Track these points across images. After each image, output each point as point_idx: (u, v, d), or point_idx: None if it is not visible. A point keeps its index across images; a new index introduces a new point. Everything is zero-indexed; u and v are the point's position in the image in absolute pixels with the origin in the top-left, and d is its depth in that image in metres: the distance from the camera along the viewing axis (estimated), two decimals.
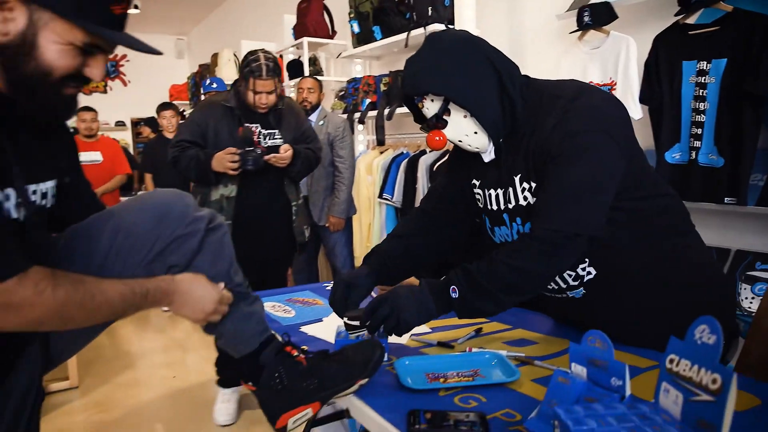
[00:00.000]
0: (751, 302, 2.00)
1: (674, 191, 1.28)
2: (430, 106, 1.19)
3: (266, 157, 2.29)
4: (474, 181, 1.32)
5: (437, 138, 1.19)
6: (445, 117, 1.18)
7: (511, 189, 1.21)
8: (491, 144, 1.21)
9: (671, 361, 0.70)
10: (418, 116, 1.27)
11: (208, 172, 2.30)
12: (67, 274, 0.88)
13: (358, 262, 3.55)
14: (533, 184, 1.16)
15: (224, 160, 2.25)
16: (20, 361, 0.99)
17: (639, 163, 1.20)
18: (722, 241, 2.16)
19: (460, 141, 1.21)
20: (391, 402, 1.03)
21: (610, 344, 0.78)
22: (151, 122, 6.31)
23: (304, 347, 1.16)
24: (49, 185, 1.01)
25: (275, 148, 2.35)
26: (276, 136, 2.40)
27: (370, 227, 3.52)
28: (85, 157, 4.06)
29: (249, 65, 2.25)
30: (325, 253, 3.47)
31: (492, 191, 1.26)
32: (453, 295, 1.11)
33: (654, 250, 1.20)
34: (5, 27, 0.83)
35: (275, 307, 1.66)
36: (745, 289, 2.04)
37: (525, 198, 1.19)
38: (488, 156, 1.24)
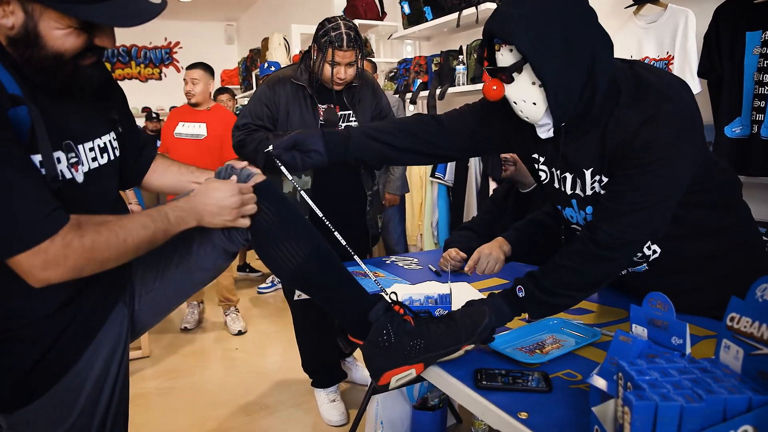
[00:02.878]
0: None
1: (728, 165, 1.30)
2: (506, 56, 1.10)
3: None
4: (536, 155, 1.28)
5: (494, 88, 1.12)
6: (515, 74, 1.10)
7: (579, 179, 1.20)
8: (548, 121, 1.14)
9: (732, 319, 0.74)
10: (489, 56, 1.19)
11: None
12: (90, 218, 0.94)
13: (411, 240, 3.63)
14: (605, 179, 1.15)
15: None
16: (111, 318, 1.10)
17: (706, 150, 1.20)
18: None
19: (515, 103, 1.14)
20: (457, 361, 1.11)
21: (671, 305, 0.83)
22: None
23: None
24: (106, 138, 1.10)
25: None
26: (351, 118, 2.14)
27: (421, 206, 3.59)
28: (181, 129, 3.53)
29: (327, 34, 1.95)
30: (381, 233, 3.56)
31: (561, 173, 1.23)
32: (519, 294, 1.14)
33: (713, 227, 1.24)
34: (8, 21, 0.89)
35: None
36: None
37: (593, 188, 1.18)
38: (545, 133, 1.17)
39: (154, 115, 6.58)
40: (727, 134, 2.13)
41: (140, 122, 8.07)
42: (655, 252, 1.24)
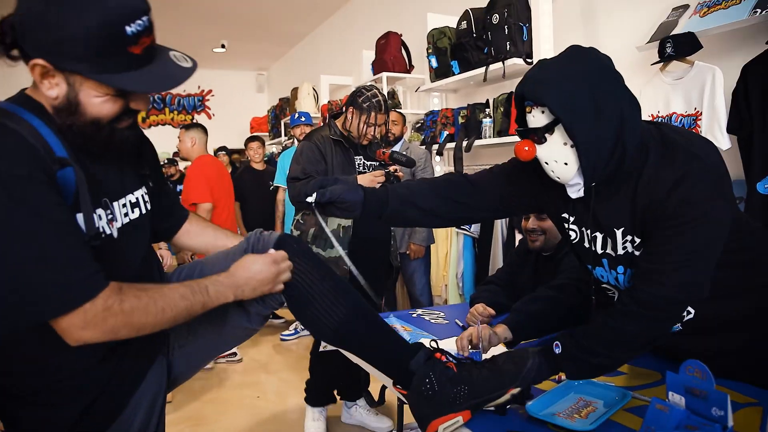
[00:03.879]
0: None
1: (759, 224, 1.28)
2: (538, 117, 1.13)
3: (398, 174, 2.31)
4: (565, 214, 1.29)
5: (526, 149, 1.14)
6: (546, 135, 1.13)
7: (610, 239, 1.20)
8: (579, 181, 1.16)
9: None
10: (519, 118, 1.22)
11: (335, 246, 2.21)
12: (131, 285, 0.98)
13: (435, 291, 3.61)
14: (637, 239, 1.15)
15: (374, 176, 2.25)
16: (147, 379, 1.12)
17: (735, 207, 1.20)
18: None
19: (546, 163, 1.16)
20: (487, 423, 1.09)
21: (709, 374, 0.81)
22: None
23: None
24: (138, 194, 1.14)
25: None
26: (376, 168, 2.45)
27: (446, 257, 3.58)
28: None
29: (369, 100, 2.30)
30: (404, 281, 3.56)
31: (591, 233, 1.23)
32: (556, 351, 1.12)
33: (747, 286, 1.21)
34: (53, 92, 0.95)
35: None
36: None
37: (625, 248, 1.17)
38: (575, 193, 1.19)
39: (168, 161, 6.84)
40: (760, 190, 2.11)
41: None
42: (689, 312, 1.22)
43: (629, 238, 1.16)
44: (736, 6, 2.24)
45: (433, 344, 1.18)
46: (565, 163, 1.13)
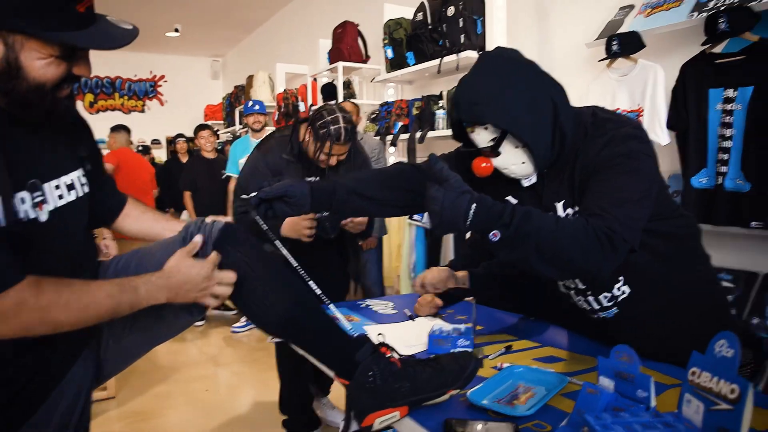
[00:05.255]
0: None
1: (689, 213, 1.35)
2: (483, 134, 1.18)
3: (343, 222, 2.05)
4: (510, 198, 1.32)
5: (484, 165, 1.20)
6: (499, 149, 1.19)
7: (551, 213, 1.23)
8: (535, 172, 1.23)
9: (693, 373, 0.76)
10: (462, 136, 1.27)
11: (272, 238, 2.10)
12: (53, 280, 0.93)
13: (388, 282, 3.63)
14: (576, 209, 1.20)
15: (300, 227, 1.97)
16: (73, 370, 1.08)
17: (664, 188, 1.28)
18: (750, 264, 2.18)
19: (505, 169, 1.22)
20: (427, 411, 1.10)
21: (636, 358, 0.85)
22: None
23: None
24: (74, 175, 1.09)
25: None
26: None
27: (399, 248, 3.60)
28: None
29: (326, 127, 1.97)
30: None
31: None
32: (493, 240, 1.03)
33: (677, 267, 1.28)
34: None
35: None
36: None
37: None
38: (528, 182, 1.26)
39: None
40: (694, 184, 2.21)
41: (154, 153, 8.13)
42: (624, 293, 1.27)
43: (569, 211, 1.22)
44: (676, 8, 2.33)
45: (380, 338, 1.18)
46: (523, 162, 1.21)
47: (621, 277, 1.25)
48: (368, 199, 1.35)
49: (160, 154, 9.12)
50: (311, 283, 1.24)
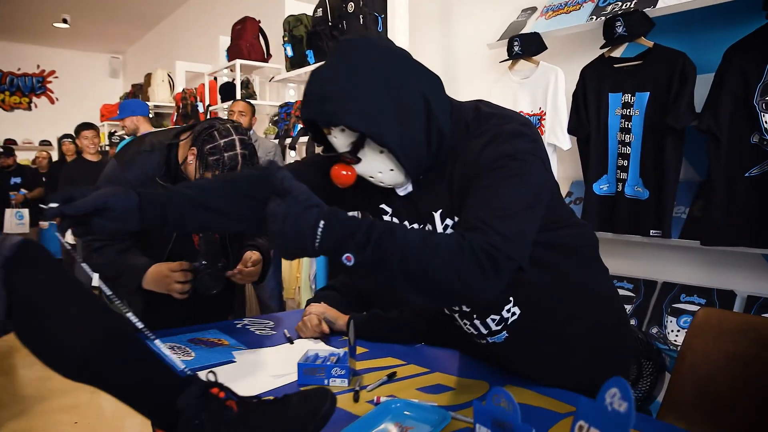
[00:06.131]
0: (677, 335, 1.98)
1: (583, 221, 1.23)
2: (340, 137, 0.99)
3: (229, 273, 1.61)
4: (383, 205, 1.14)
5: (345, 173, 1.00)
6: (358, 154, 0.99)
7: (429, 226, 1.07)
8: (408, 180, 1.04)
9: (580, 428, 0.59)
10: (320, 139, 1.07)
11: (130, 290, 1.59)
12: None
13: (288, 294, 3.39)
14: (456, 219, 1.02)
15: (170, 279, 1.53)
16: None
17: (557, 193, 1.13)
18: (649, 272, 2.15)
19: (371, 177, 1.03)
20: None
21: (515, 405, 0.68)
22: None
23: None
24: None
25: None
26: None
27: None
28: None
29: (219, 153, 1.48)
30: (252, 284, 3.29)
31: (409, 224, 1.10)
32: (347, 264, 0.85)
33: (573, 283, 1.13)
34: None
35: (174, 349, 1.48)
36: (671, 321, 2.02)
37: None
38: (403, 191, 1.07)
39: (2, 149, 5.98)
40: (596, 191, 2.15)
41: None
42: (514, 314, 1.11)
43: (448, 222, 1.03)
44: (576, 11, 2.29)
45: (210, 376, 0.95)
46: (391, 169, 1.01)
47: (511, 298, 1.09)
48: (214, 211, 1.09)
49: (54, 156, 8.36)
50: (130, 314, 0.98)
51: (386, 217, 1.15)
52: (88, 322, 0.88)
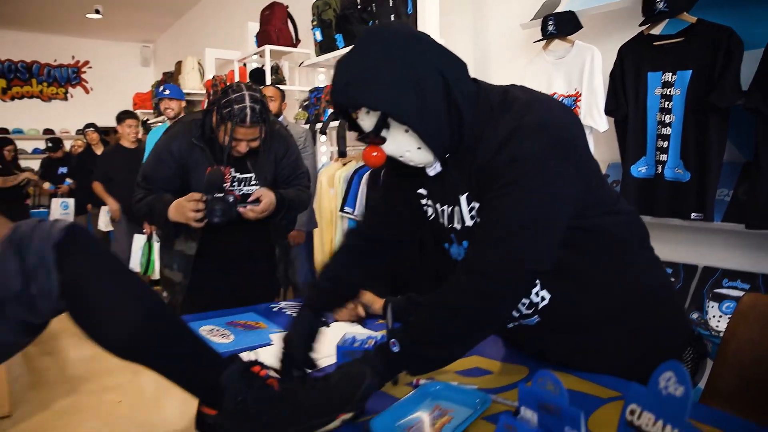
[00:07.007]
0: (718, 321, 1.93)
1: (632, 208, 1.20)
2: (366, 119, 1.04)
3: (240, 209, 1.81)
4: (421, 190, 1.18)
5: (374, 154, 1.05)
6: (383, 133, 1.04)
7: (457, 207, 1.09)
8: (437, 159, 1.07)
9: (632, 412, 0.58)
10: (354, 125, 1.11)
11: (164, 225, 1.86)
12: None
13: None
14: (477, 205, 1.05)
15: (185, 209, 1.74)
16: None
17: (596, 178, 1.09)
18: (690, 257, 2.10)
19: (401, 157, 1.07)
20: None
21: (562, 388, 0.67)
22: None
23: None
24: None
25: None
26: (252, 182, 1.92)
27: (332, 242, 3.39)
28: None
29: (230, 106, 1.72)
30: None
31: (440, 206, 1.14)
32: (394, 349, 0.98)
33: (612, 270, 1.10)
34: None
35: (213, 332, 1.51)
36: (712, 307, 1.97)
37: (472, 217, 1.07)
38: (433, 171, 1.10)
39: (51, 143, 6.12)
40: (633, 174, 2.10)
41: (42, 144, 7.57)
42: (543, 299, 1.10)
43: (474, 204, 1.06)
44: None
45: (252, 356, 0.97)
46: (418, 148, 1.04)
47: (537, 281, 1.08)
48: (356, 285, 1.29)
49: None
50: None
51: (423, 201, 1.18)
52: (134, 303, 0.91)
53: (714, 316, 1.96)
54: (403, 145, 1.04)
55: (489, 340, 1.39)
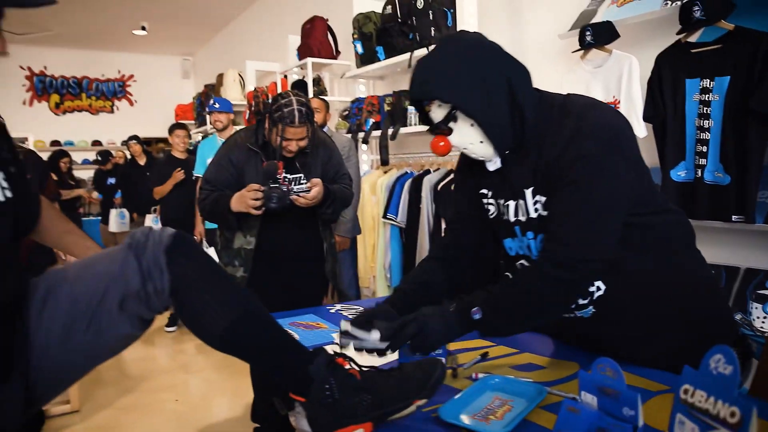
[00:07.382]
0: (763, 322, 1.97)
1: (679, 208, 1.28)
2: (437, 112, 1.18)
3: (293, 197, 2.03)
4: (483, 190, 1.30)
5: (441, 143, 1.19)
6: (450, 124, 1.18)
7: (522, 201, 1.21)
8: (497, 154, 1.20)
9: (686, 391, 0.67)
10: (426, 119, 1.25)
11: (227, 216, 2.07)
12: None
13: (363, 283, 3.53)
14: (544, 198, 1.17)
15: (246, 197, 1.99)
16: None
17: (647, 179, 1.21)
18: (731, 259, 2.13)
19: (465, 149, 1.21)
20: (393, 428, 1.01)
21: (620, 373, 0.76)
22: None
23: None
24: None
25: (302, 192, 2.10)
26: (302, 181, 2.14)
27: (374, 248, 3.50)
28: None
29: (280, 110, 1.99)
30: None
31: (504, 201, 1.26)
32: (475, 317, 1.14)
33: (662, 266, 1.20)
34: None
35: None
36: (756, 308, 2.01)
37: (536, 209, 1.19)
38: (493, 165, 1.23)
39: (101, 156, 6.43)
40: (673, 178, 2.15)
41: (90, 155, 7.92)
42: (599, 288, 1.20)
43: (539, 198, 1.18)
44: None
45: (335, 349, 1.09)
46: (481, 142, 1.18)
47: None
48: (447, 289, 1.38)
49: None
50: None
51: (485, 200, 1.32)
52: (232, 300, 1.03)
53: (758, 317, 2.00)
54: (468, 137, 1.17)
55: (538, 339, 1.49)
